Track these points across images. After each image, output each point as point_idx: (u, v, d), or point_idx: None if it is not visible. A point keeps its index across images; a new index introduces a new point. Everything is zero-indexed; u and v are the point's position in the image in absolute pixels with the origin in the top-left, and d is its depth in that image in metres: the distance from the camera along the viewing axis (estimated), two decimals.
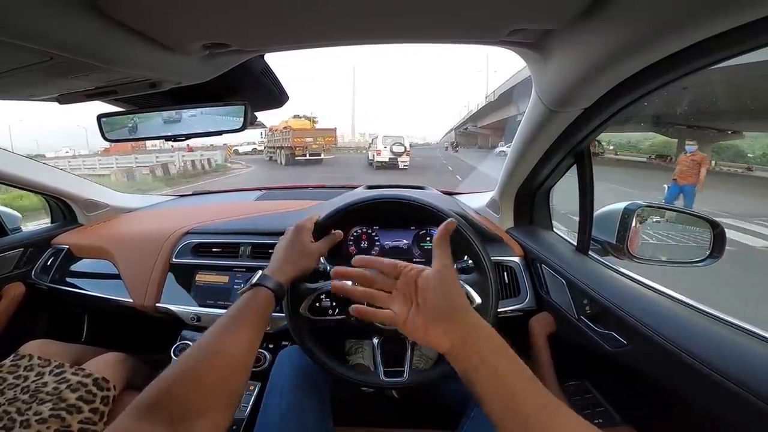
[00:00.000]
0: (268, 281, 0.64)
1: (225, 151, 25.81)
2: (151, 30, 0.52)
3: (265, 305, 0.62)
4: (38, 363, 1.00)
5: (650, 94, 0.64)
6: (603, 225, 0.96)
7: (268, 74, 0.82)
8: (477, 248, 0.80)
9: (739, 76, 6.76)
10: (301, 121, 22.26)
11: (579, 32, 0.54)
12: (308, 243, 0.76)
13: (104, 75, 0.61)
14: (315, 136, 19.93)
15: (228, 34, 0.56)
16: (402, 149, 16.76)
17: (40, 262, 1.38)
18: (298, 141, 19.26)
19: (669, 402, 0.73)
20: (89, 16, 0.45)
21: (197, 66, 0.67)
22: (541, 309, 1.04)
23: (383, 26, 0.56)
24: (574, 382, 0.99)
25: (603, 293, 0.81)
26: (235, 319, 0.58)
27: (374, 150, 17.87)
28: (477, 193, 1.51)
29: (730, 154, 17.13)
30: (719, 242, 0.87)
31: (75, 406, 0.89)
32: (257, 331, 0.59)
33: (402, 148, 16.75)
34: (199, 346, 0.52)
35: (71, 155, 28.33)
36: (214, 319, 1.10)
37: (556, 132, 0.82)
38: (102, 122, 0.84)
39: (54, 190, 1.40)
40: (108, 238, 1.36)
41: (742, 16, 0.41)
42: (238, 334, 0.55)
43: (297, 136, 19.24)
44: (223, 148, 27.34)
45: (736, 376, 0.53)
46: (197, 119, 0.84)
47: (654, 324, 0.68)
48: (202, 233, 1.26)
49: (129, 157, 21.31)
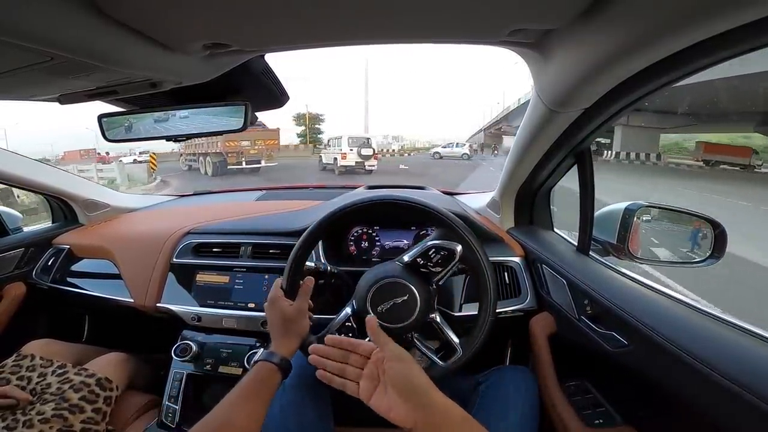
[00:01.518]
0: (272, 357, 0.70)
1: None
2: (152, 30, 0.52)
3: (270, 380, 0.68)
4: (40, 363, 1.00)
5: (651, 95, 0.64)
6: (604, 225, 0.96)
7: (269, 74, 0.82)
8: (475, 248, 0.80)
9: None
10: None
11: (579, 32, 0.54)
12: (287, 309, 0.78)
13: (105, 75, 0.62)
14: (253, 138, 16.34)
15: (228, 34, 0.56)
16: (370, 152, 15.49)
17: (41, 262, 1.39)
18: (230, 145, 15.61)
19: (669, 402, 0.73)
20: (90, 16, 0.45)
21: (198, 66, 0.67)
22: (542, 309, 1.04)
23: (383, 26, 0.56)
24: (574, 382, 0.98)
25: (604, 293, 0.80)
26: (242, 393, 0.64)
27: (336, 153, 16.02)
28: (477, 193, 1.51)
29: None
30: (720, 242, 0.87)
31: (78, 406, 0.89)
32: (263, 403, 0.64)
33: (370, 150, 15.50)
34: (211, 416, 0.61)
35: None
36: (214, 319, 1.12)
37: (556, 132, 0.82)
38: (102, 122, 0.84)
39: (55, 190, 1.41)
40: (109, 238, 1.36)
41: (743, 15, 0.41)
42: (245, 407, 0.62)
43: (229, 139, 15.12)
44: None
45: (737, 376, 0.53)
46: (198, 119, 0.84)
47: (655, 324, 0.67)
48: (203, 233, 1.26)
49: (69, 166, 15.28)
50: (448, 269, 0.83)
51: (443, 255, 0.82)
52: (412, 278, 0.82)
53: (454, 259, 0.81)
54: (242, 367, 1.06)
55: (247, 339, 1.12)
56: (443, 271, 0.83)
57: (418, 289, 0.81)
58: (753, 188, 11.38)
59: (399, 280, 0.81)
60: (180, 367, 1.10)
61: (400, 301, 0.80)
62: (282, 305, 0.78)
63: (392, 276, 0.82)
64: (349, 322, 0.84)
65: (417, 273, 0.83)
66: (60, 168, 1.50)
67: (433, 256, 0.82)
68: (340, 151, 15.69)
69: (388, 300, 0.80)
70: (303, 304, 0.79)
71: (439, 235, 0.84)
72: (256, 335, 1.12)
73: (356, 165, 15.28)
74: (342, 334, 0.83)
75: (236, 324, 1.11)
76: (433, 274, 0.84)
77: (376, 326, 0.65)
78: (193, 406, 1.07)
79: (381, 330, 0.64)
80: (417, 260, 0.83)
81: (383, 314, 0.80)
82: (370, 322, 0.65)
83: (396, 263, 0.85)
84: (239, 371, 1.07)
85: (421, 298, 0.80)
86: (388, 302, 0.80)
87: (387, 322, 0.79)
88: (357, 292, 0.84)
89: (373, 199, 0.85)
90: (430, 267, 0.83)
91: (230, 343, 1.12)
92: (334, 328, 0.84)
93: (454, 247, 0.81)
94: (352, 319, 0.84)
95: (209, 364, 1.10)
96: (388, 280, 0.81)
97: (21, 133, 59.00)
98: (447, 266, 0.82)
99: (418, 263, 0.83)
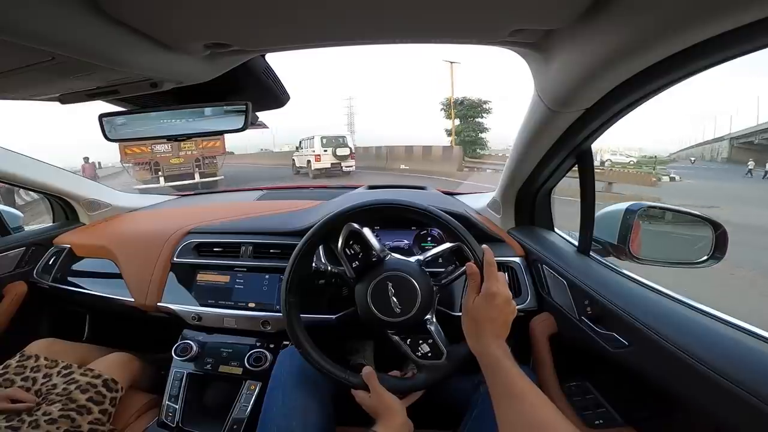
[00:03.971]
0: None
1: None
2: (153, 29, 0.52)
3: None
4: (45, 364, 1.01)
5: (652, 95, 0.64)
6: (604, 226, 0.95)
7: (270, 74, 0.82)
8: (453, 228, 0.79)
9: None
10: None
11: (580, 33, 0.54)
12: (368, 400, 0.77)
13: (106, 75, 0.62)
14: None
15: (229, 34, 0.56)
16: (347, 151, 14.40)
17: (41, 261, 1.39)
18: (134, 152, 10.98)
19: (670, 403, 0.73)
20: (91, 15, 0.45)
21: (198, 66, 0.67)
22: (542, 309, 1.04)
23: (385, 26, 0.56)
24: (574, 382, 0.98)
25: (604, 294, 0.80)
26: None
27: (309, 155, 14.79)
28: (478, 193, 1.51)
29: None
30: (721, 243, 0.87)
31: (85, 407, 0.90)
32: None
33: (347, 150, 14.41)
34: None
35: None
36: (214, 319, 1.12)
37: (557, 132, 0.82)
38: (103, 122, 0.84)
39: (56, 189, 1.41)
40: (109, 238, 1.36)
41: (744, 16, 0.41)
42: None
43: (128, 147, 10.55)
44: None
45: (737, 376, 0.53)
46: (198, 119, 0.84)
47: (655, 325, 0.67)
48: (204, 233, 1.26)
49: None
50: (454, 273, 0.82)
51: (353, 243, 0.81)
52: (377, 273, 0.81)
53: (359, 232, 0.81)
54: (242, 366, 1.07)
55: (248, 338, 1.13)
56: (449, 273, 0.82)
57: (391, 269, 0.80)
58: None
59: (372, 286, 0.80)
60: (181, 366, 1.10)
61: (393, 291, 0.79)
62: (363, 400, 0.78)
63: (366, 290, 0.80)
64: (408, 338, 0.82)
65: (373, 267, 0.82)
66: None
67: (351, 252, 0.82)
68: (313, 152, 14.50)
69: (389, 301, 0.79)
70: (375, 386, 0.77)
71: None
72: (257, 335, 1.13)
73: (332, 167, 14.34)
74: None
75: (236, 324, 1.11)
76: (441, 275, 0.83)
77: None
78: (194, 406, 1.07)
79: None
80: (354, 266, 0.82)
81: (401, 311, 0.78)
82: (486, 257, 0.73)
83: (357, 286, 0.83)
84: (239, 371, 1.08)
85: (406, 272, 0.79)
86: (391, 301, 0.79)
87: (409, 313, 0.78)
88: (369, 323, 0.82)
89: (377, 203, 0.84)
90: (363, 257, 0.82)
91: (231, 343, 1.12)
92: (413, 355, 0.81)
93: (349, 230, 0.80)
94: (399, 336, 0.82)
95: (210, 363, 1.10)
96: (368, 295, 0.80)
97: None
98: (366, 241, 0.81)
99: (358, 266, 0.82)
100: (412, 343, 0.80)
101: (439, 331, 0.81)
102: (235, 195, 1.93)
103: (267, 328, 1.10)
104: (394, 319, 0.79)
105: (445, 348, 0.79)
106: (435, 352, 0.79)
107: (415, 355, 0.80)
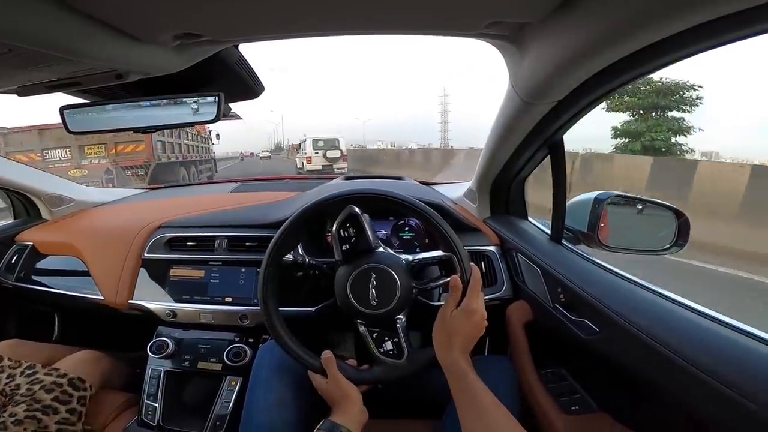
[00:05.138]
0: (335, 429, 0.69)
1: None
2: (118, 20, 0.50)
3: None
4: (8, 365, 0.97)
5: (620, 87, 0.66)
6: (575, 214, 0.98)
7: (243, 65, 0.80)
8: (450, 239, 0.80)
9: None
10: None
11: (553, 26, 0.55)
12: (325, 385, 0.78)
13: (67, 66, 0.58)
14: (79, 144, 8.06)
15: (200, 23, 0.54)
16: (338, 154, 14.22)
17: (4, 260, 1.32)
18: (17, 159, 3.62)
19: (641, 388, 0.75)
20: (51, 5, 0.43)
21: (167, 57, 0.64)
22: (518, 297, 1.06)
23: (361, 16, 0.56)
24: (551, 369, 1.01)
25: (575, 281, 0.83)
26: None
27: (303, 156, 14.84)
28: (455, 183, 1.53)
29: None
30: (684, 230, 0.91)
31: (51, 407, 0.87)
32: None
33: (338, 152, 14.23)
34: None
35: None
36: (190, 315, 1.10)
37: (530, 123, 0.84)
38: (65, 114, 0.80)
39: (15, 185, 1.33)
40: (74, 234, 1.30)
41: (716, 9, 0.42)
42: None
43: (24, 148, 8.02)
44: None
45: (702, 362, 0.55)
46: (168, 110, 0.81)
47: (623, 311, 0.70)
48: (176, 227, 1.23)
49: None
50: (438, 281, 0.84)
51: (349, 225, 0.81)
52: (364, 260, 0.81)
53: (358, 216, 0.81)
54: (221, 362, 1.06)
55: (226, 334, 1.11)
56: (433, 281, 0.84)
57: (379, 262, 0.80)
58: None
59: (357, 271, 0.80)
60: (157, 364, 1.08)
61: (375, 282, 0.79)
62: (320, 385, 0.78)
63: (349, 274, 0.80)
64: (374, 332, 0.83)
65: (363, 254, 0.82)
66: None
67: (346, 234, 0.81)
68: (305, 154, 14.62)
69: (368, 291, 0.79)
70: (333, 372, 0.77)
71: (364, 211, 0.82)
72: (235, 330, 1.11)
73: (323, 168, 14.26)
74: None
75: (213, 319, 1.10)
76: (424, 280, 0.85)
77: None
78: (174, 404, 1.06)
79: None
80: (344, 249, 0.82)
81: (377, 304, 0.79)
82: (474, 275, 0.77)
83: (341, 268, 0.84)
84: (219, 366, 1.07)
85: (392, 268, 0.80)
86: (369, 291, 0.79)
87: (384, 307, 0.79)
88: (344, 307, 0.83)
89: (352, 192, 0.84)
90: (356, 242, 0.82)
91: (208, 339, 1.11)
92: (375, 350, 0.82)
93: (349, 212, 0.80)
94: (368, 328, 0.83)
95: (188, 360, 1.08)
96: (350, 280, 0.80)
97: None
98: (363, 227, 0.81)
99: (348, 250, 0.82)
100: (377, 337, 0.82)
101: (406, 332, 0.82)
102: (208, 187, 1.88)
103: (245, 322, 1.08)
104: (368, 311, 0.80)
105: (407, 350, 0.80)
106: (397, 351, 0.81)
107: (378, 350, 0.81)
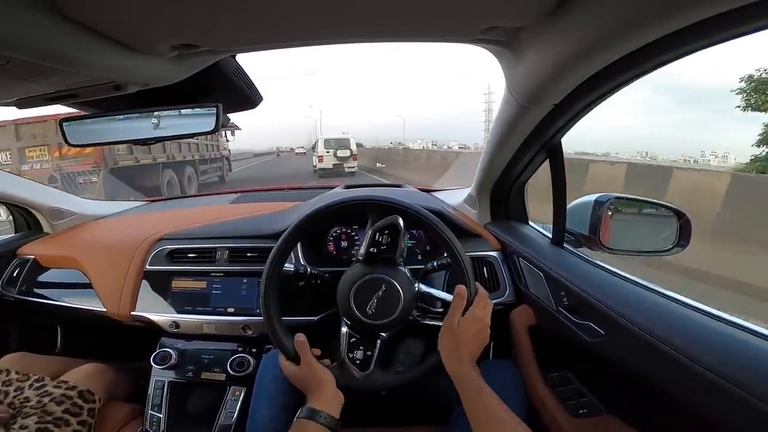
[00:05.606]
0: (313, 414, 0.71)
1: None
2: (116, 31, 0.50)
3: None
4: (16, 378, 0.97)
5: (616, 89, 0.66)
6: (576, 217, 0.98)
7: (241, 75, 0.80)
8: (452, 246, 0.80)
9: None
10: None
11: (547, 30, 0.55)
12: (297, 371, 0.78)
13: (65, 78, 0.59)
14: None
15: (197, 34, 0.55)
16: (348, 153, 14.76)
17: (6, 274, 1.32)
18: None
19: (648, 390, 0.74)
20: (49, 16, 0.43)
21: (165, 67, 0.64)
22: (521, 302, 1.06)
23: (356, 25, 0.56)
24: (557, 373, 1.00)
25: (578, 284, 0.83)
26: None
27: (315, 155, 15.55)
28: (454, 189, 1.52)
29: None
30: (685, 231, 0.91)
31: (62, 419, 0.87)
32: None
33: (348, 152, 14.76)
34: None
35: None
36: (193, 326, 1.10)
37: (528, 128, 0.84)
38: (65, 127, 0.80)
39: (15, 198, 1.34)
40: (76, 247, 1.31)
41: (708, 9, 0.42)
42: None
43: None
44: None
45: (709, 362, 0.54)
46: (167, 121, 0.81)
47: (628, 313, 0.69)
48: (177, 239, 1.23)
49: None
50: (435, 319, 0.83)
51: (387, 233, 0.82)
52: (381, 269, 0.82)
53: (399, 230, 0.81)
54: (225, 372, 1.05)
55: (229, 344, 1.11)
56: (434, 317, 0.84)
57: (394, 278, 0.81)
58: None
59: (371, 276, 0.81)
60: (161, 375, 1.08)
61: (381, 294, 0.80)
62: (291, 371, 0.78)
63: (362, 275, 0.81)
64: (353, 338, 0.85)
65: (383, 263, 0.83)
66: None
67: (380, 239, 0.82)
68: (317, 154, 15.24)
69: (370, 298, 0.80)
70: (306, 356, 0.78)
71: (375, 219, 0.83)
72: (238, 340, 1.11)
73: (333, 167, 14.87)
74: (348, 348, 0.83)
75: (216, 329, 1.09)
76: (428, 313, 0.85)
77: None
78: (179, 414, 1.05)
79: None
80: (370, 251, 0.83)
81: (371, 314, 0.79)
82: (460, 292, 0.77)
83: (357, 265, 0.85)
84: (223, 377, 1.06)
85: (403, 288, 0.80)
86: (371, 300, 0.80)
87: (376, 320, 0.79)
88: (339, 301, 0.84)
89: (353, 199, 0.85)
90: (384, 250, 0.82)
91: (212, 349, 1.10)
92: (344, 353, 0.82)
93: (393, 221, 0.80)
94: (350, 331, 0.84)
95: (191, 370, 1.08)
96: (359, 281, 0.81)
97: None
98: (398, 241, 0.82)
99: (373, 253, 0.83)
100: (354, 342, 0.83)
101: (380, 352, 0.82)
102: (208, 199, 1.89)
103: (248, 332, 1.08)
104: (360, 315, 0.80)
105: (371, 368, 0.80)
106: (362, 365, 0.81)
107: (347, 353, 0.81)
